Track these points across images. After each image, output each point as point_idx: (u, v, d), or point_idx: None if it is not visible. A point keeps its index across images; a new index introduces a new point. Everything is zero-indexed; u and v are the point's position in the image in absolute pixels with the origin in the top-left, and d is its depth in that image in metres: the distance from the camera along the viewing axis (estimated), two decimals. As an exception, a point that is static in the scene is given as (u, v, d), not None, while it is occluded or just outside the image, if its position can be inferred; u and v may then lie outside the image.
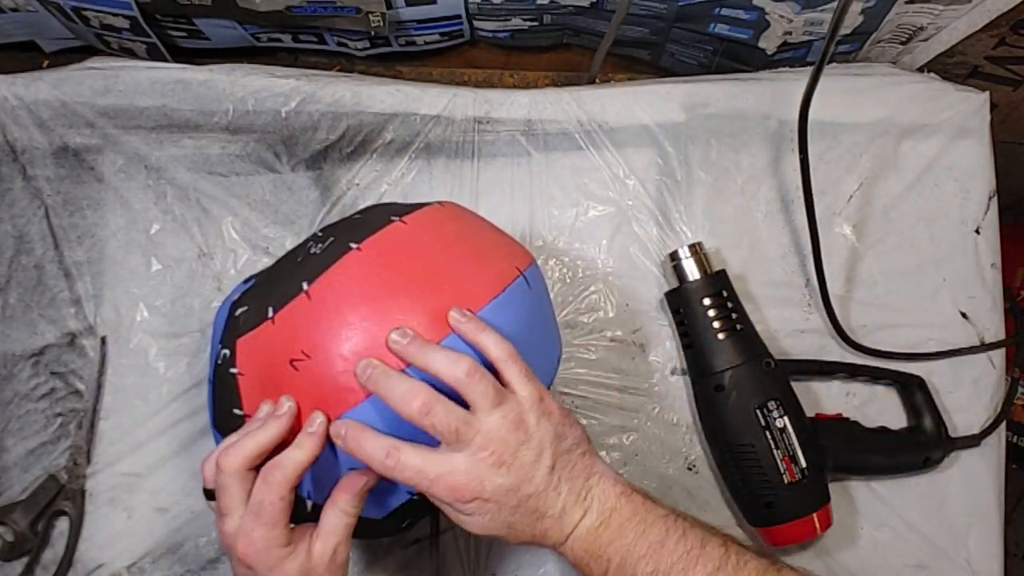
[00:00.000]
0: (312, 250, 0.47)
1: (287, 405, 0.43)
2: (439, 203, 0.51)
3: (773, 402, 0.57)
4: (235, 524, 0.42)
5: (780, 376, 0.59)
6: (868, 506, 0.62)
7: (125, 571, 0.58)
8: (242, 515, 0.41)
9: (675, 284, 0.61)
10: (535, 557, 0.60)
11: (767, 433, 0.57)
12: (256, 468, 0.42)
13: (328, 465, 0.44)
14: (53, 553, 0.58)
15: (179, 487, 0.59)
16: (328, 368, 0.43)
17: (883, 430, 0.61)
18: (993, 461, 0.63)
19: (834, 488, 0.62)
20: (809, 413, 0.59)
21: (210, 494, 0.44)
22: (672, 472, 0.62)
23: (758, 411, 0.57)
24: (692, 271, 0.60)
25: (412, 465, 0.41)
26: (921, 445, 0.61)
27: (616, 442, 0.62)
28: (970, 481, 0.63)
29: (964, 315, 0.65)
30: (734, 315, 0.59)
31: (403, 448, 0.41)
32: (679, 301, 0.61)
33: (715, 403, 0.59)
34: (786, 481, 0.56)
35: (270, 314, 0.45)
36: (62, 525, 0.59)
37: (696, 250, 0.61)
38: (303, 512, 0.45)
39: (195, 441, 0.60)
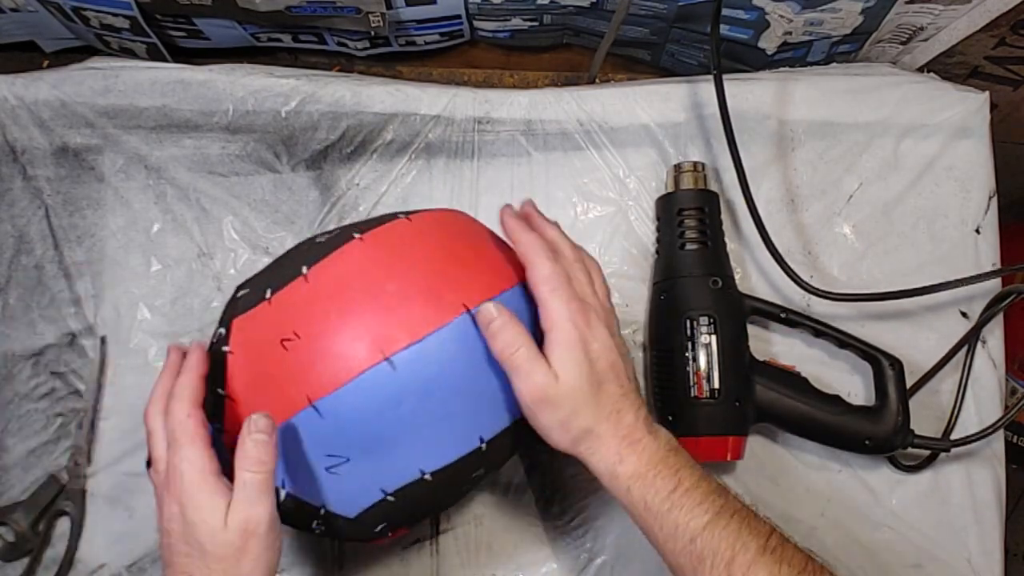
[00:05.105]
0: (318, 240, 0.48)
1: (177, 356, 0.47)
2: (449, 209, 0.52)
3: (705, 317, 0.58)
4: (163, 463, 0.43)
5: (729, 299, 0.59)
6: (867, 506, 0.62)
7: (125, 571, 0.58)
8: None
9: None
10: (536, 556, 0.60)
11: (689, 343, 0.57)
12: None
13: (299, 453, 0.44)
14: (54, 553, 0.58)
15: (179, 487, 0.59)
16: (317, 349, 0.43)
17: (836, 398, 0.60)
18: (993, 461, 0.64)
19: (832, 487, 0.62)
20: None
21: (148, 463, 0.45)
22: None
23: (687, 320, 0.58)
24: (685, 182, 0.62)
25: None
26: (873, 424, 0.58)
27: (616, 442, 0.62)
28: (970, 481, 0.63)
29: (964, 314, 0.65)
30: (706, 232, 0.60)
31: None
32: (661, 208, 0.63)
33: (656, 309, 0.61)
34: (692, 395, 0.57)
35: (268, 295, 0.46)
36: (63, 525, 0.59)
37: (697, 167, 0.63)
38: (277, 502, 0.44)
39: (195, 441, 0.60)
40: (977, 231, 0.66)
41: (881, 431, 0.58)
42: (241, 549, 0.40)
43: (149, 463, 0.45)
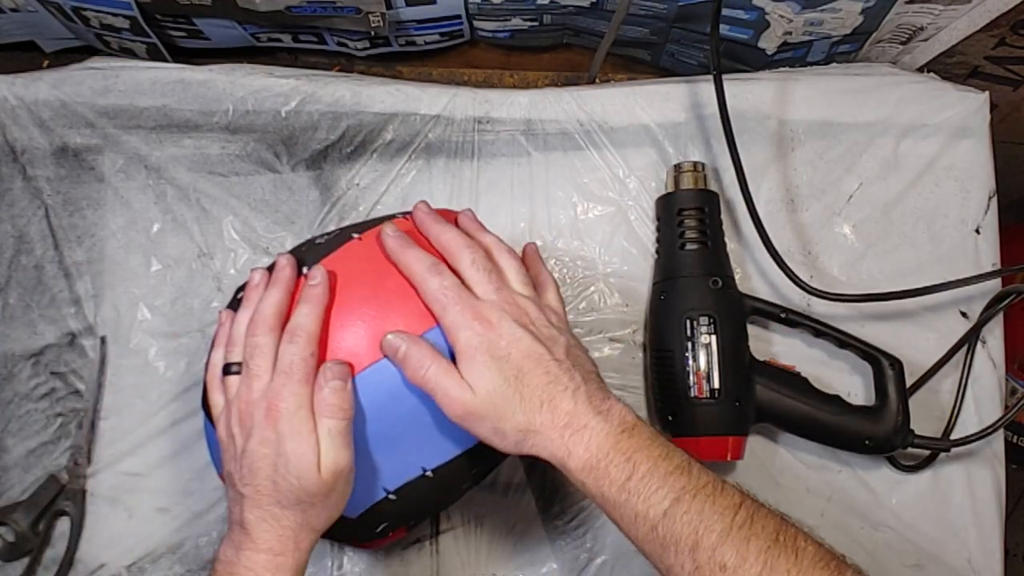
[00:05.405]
0: (317, 241, 0.49)
1: (284, 264, 0.46)
2: (446, 209, 0.53)
3: (706, 317, 0.58)
4: (264, 384, 0.42)
5: (729, 299, 0.59)
6: (867, 506, 0.62)
7: (125, 571, 0.58)
8: (272, 376, 0.42)
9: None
10: (536, 556, 0.60)
11: (689, 343, 0.57)
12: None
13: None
14: (54, 553, 0.58)
15: (179, 487, 0.60)
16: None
17: (836, 398, 0.60)
18: (993, 461, 0.64)
19: (832, 487, 0.62)
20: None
21: (229, 368, 0.45)
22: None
23: (687, 320, 0.58)
24: (685, 182, 0.62)
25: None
26: (873, 424, 0.58)
27: (616, 442, 0.62)
28: (970, 481, 0.63)
29: (964, 314, 0.65)
30: (706, 232, 0.60)
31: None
32: (661, 208, 0.63)
33: (656, 309, 0.61)
34: (692, 395, 0.57)
35: None
36: (63, 525, 0.59)
37: (697, 167, 0.63)
38: None
39: (195, 441, 0.60)
40: (977, 231, 0.66)
41: (881, 431, 0.58)
42: (331, 488, 0.42)
43: (228, 371, 0.45)
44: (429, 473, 0.45)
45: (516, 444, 0.43)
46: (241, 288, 0.50)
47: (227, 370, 0.45)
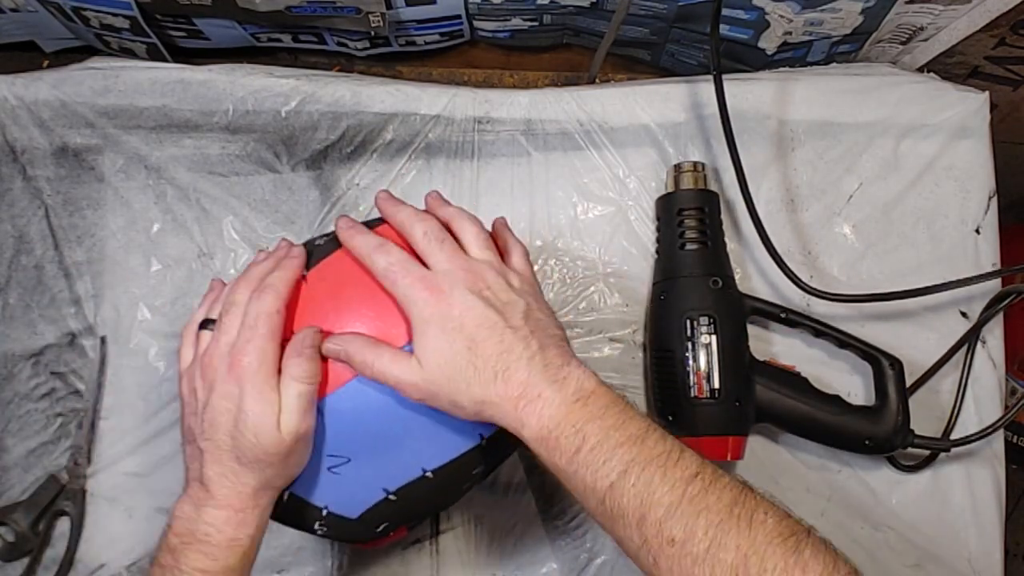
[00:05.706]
0: (316, 242, 0.49)
1: (285, 244, 0.47)
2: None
3: (706, 317, 0.58)
4: (230, 340, 0.42)
5: (729, 299, 0.59)
6: (867, 506, 0.62)
7: (125, 571, 0.58)
8: (239, 331, 0.42)
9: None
10: (536, 556, 0.61)
11: (689, 344, 0.58)
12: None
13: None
14: (54, 553, 0.59)
15: (179, 487, 0.59)
16: None
17: (836, 398, 0.60)
18: (993, 461, 0.64)
19: (832, 487, 0.62)
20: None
21: (206, 324, 0.46)
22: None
23: (687, 320, 0.58)
24: (685, 182, 0.62)
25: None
26: (873, 424, 0.59)
27: (616, 442, 0.62)
28: (970, 481, 0.63)
29: (964, 314, 0.65)
30: (705, 232, 0.60)
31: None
32: (661, 208, 0.63)
33: (656, 309, 0.61)
34: (692, 395, 0.57)
35: None
36: (63, 525, 0.59)
37: (697, 167, 0.63)
38: (280, 503, 0.45)
39: (195, 441, 0.60)
40: (977, 231, 0.66)
41: (881, 431, 0.58)
42: (290, 450, 0.41)
43: (204, 325, 0.46)
44: (429, 474, 0.45)
45: (476, 415, 0.42)
46: None
47: (203, 326, 0.46)
